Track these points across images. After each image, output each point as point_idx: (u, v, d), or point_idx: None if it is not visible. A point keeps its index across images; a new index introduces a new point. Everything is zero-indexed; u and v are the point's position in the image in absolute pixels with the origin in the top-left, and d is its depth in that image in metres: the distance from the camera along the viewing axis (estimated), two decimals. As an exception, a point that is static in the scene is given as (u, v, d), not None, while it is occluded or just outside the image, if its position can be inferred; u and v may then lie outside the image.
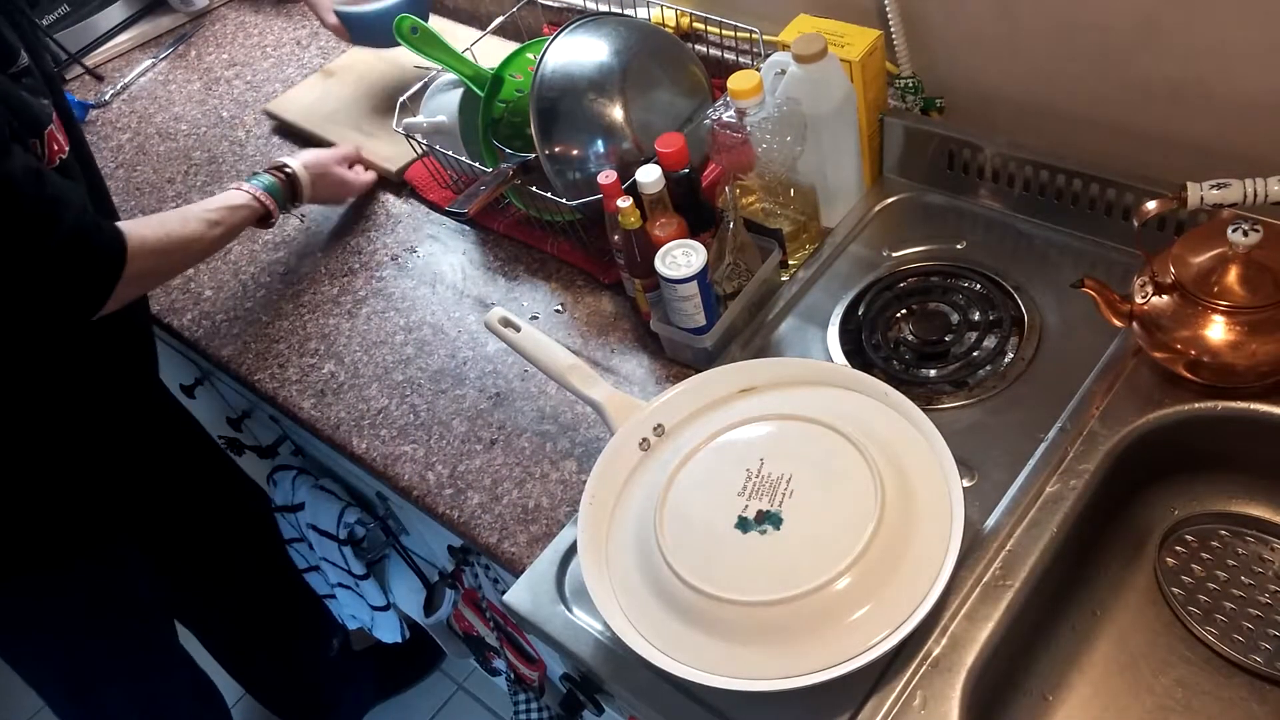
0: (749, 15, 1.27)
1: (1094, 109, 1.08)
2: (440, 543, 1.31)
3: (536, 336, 1.03)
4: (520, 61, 1.29)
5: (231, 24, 1.84)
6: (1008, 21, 1.07)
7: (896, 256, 1.13)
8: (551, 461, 1.07)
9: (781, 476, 0.88)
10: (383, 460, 1.12)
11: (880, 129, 1.18)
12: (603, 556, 0.91)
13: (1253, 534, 0.95)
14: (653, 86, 1.19)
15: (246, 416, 1.62)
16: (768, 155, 1.08)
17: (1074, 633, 0.93)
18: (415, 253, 1.34)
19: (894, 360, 1.05)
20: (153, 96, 1.71)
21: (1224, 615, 0.90)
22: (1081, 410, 0.95)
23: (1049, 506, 0.89)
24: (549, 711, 1.38)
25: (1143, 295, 0.93)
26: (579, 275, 1.25)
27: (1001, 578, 0.86)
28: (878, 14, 1.15)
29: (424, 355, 1.21)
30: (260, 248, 1.40)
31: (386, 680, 1.99)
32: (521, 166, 1.20)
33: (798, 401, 0.95)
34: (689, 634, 0.83)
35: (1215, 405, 0.93)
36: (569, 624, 0.92)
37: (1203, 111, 1.01)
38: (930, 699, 0.81)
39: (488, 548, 1.03)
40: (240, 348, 1.28)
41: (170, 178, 1.55)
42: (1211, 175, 0.88)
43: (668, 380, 1.10)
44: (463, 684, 2.03)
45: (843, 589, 0.80)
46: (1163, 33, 0.98)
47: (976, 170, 1.14)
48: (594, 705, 1.02)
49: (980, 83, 1.14)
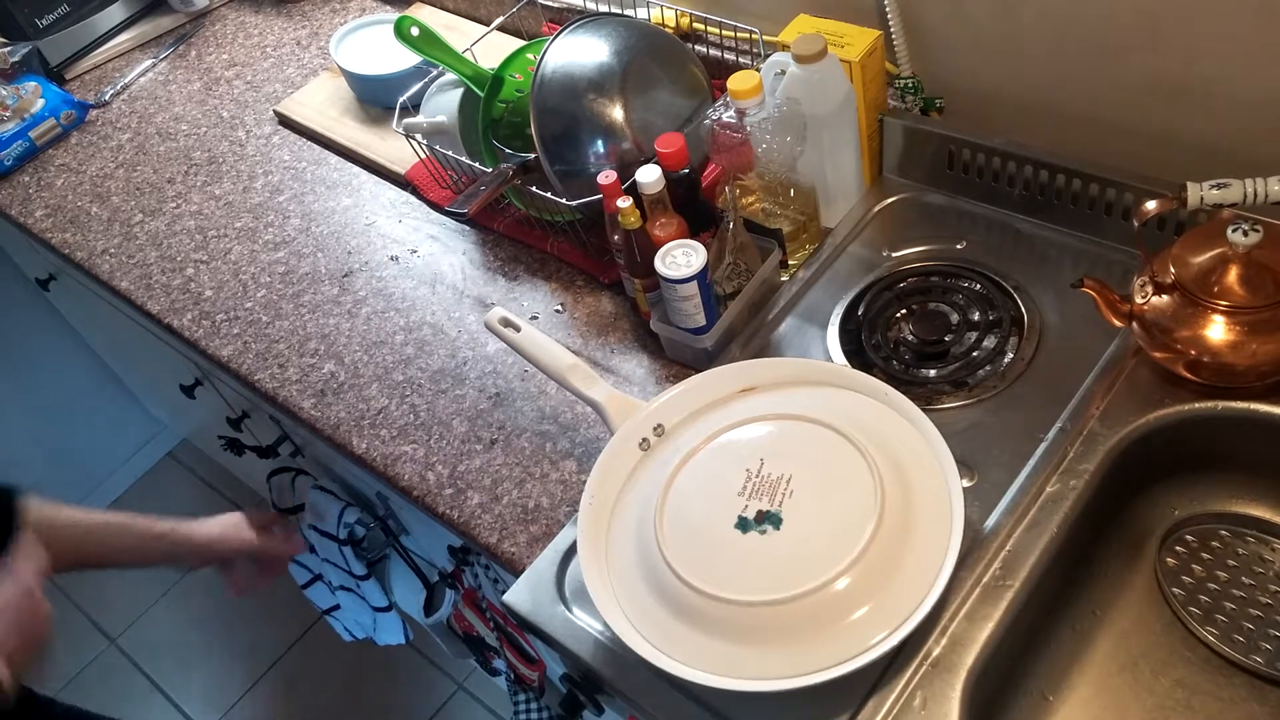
0: (749, 15, 1.27)
1: (1094, 109, 1.08)
2: (440, 543, 1.31)
3: (536, 336, 1.03)
4: (520, 61, 1.29)
5: (231, 24, 1.84)
6: (1008, 21, 1.07)
7: (896, 256, 1.13)
8: (551, 461, 1.07)
9: (781, 477, 0.88)
10: (383, 460, 1.12)
11: (880, 129, 1.18)
12: (603, 556, 0.91)
13: (1253, 534, 0.95)
14: (653, 86, 1.19)
15: (246, 416, 1.62)
16: (768, 155, 1.08)
17: (1074, 633, 0.93)
18: (415, 253, 1.34)
19: (894, 360, 1.05)
20: (153, 96, 1.71)
21: (1224, 615, 0.90)
22: (1081, 410, 0.95)
23: (1049, 506, 0.89)
24: (549, 711, 1.38)
25: (1143, 295, 0.93)
26: (579, 275, 1.25)
27: (1001, 578, 0.86)
28: (878, 14, 1.15)
29: (424, 355, 1.22)
30: (260, 248, 1.40)
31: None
32: (521, 166, 1.20)
33: (798, 401, 0.95)
34: (689, 634, 0.83)
35: (1215, 405, 0.93)
36: (569, 624, 0.92)
37: (1203, 111, 1.01)
38: (930, 699, 0.81)
39: (488, 548, 1.03)
40: (240, 348, 1.28)
41: (170, 178, 1.55)
42: (1211, 175, 0.88)
43: (668, 380, 1.10)
44: (463, 684, 2.03)
45: (843, 589, 0.80)
46: (1163, 32, 0.98)
47: (976, 170, 1.14)
48: (594, 705, 1.02)
49: (980, 83, 1.14)
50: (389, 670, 2.07)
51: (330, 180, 1.48)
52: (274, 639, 2.18)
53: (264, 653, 2.17)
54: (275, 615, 2.20)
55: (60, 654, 2.23)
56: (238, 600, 2.27)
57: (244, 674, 2.15)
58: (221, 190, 1.50)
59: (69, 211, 1.53)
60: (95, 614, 2.32)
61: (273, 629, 2.20)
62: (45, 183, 1.59)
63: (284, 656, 2.16)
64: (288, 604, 1.49)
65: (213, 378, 1.59)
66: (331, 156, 1.52)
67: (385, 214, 1.41)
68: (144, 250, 1.44)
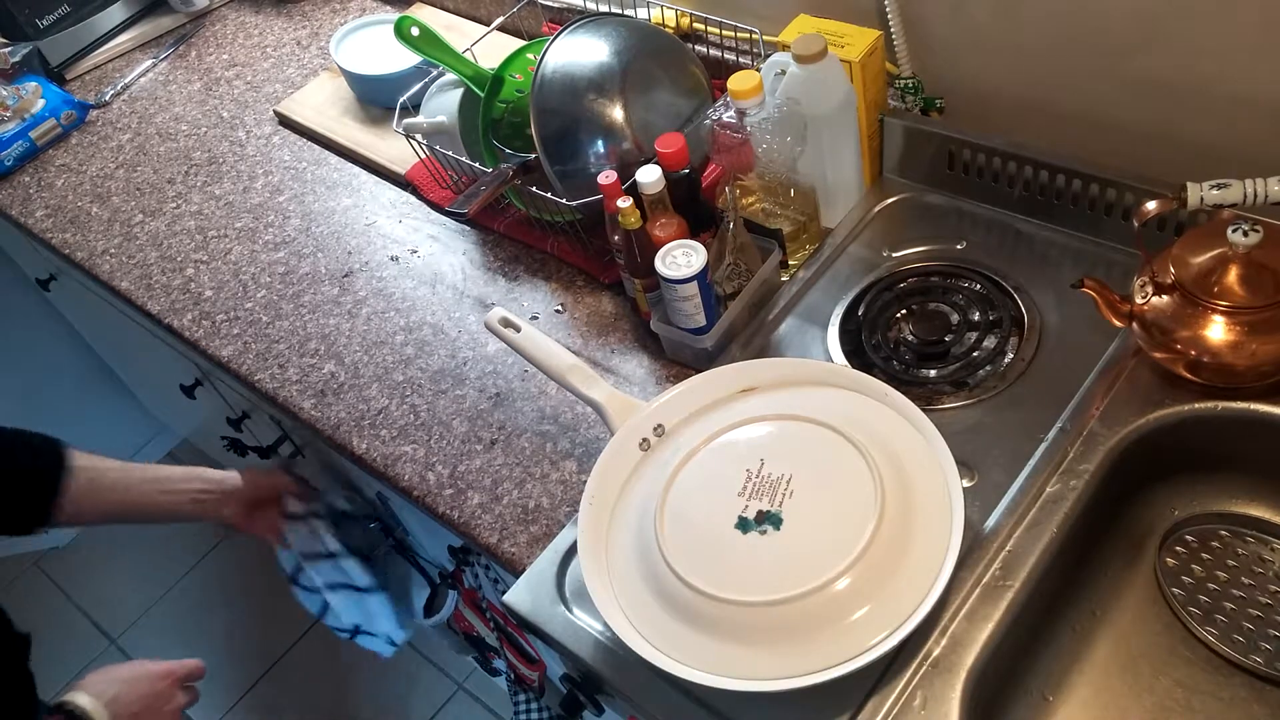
0: (749, 15, 1.27)
1: (1094, 109, 1.08)
2: (440, 543, 1.31)
3: (536, 337, 1.03)
4: (520, 61, 1.29)
5: (231, 24, 1.84)
6: (1008, 21, 1.07)
7: (896, 257, 1.13)
8: (551, 462, 1.07)
9: (781, 477, 0.88)
10: (383, 460, 1.12)
11: (880, 129, 1.18)
12: (603, 556, 0.91)
13: (1253, 534, 0.95)
14: (653, 87, 1.19)
15: (246, 417, 1.62)
16: (768, 155, 1.08)
17: (1074, 633, 0.93)
18: (415, 253, 1.34)
19: (894, 360, 1.05)
20: (153, 97, 1.71)
21: (1224, 615, 0.90)
22: (1081, 410, 0.95)
23: (1049, 507, 0.89)
24: (549, 712, 1.38)
25: (1143, 295, 0.93)
26: (579, 275, 1.25)
27: (1001, 578, 0.86)
28: (878, 14, 1.15)
29: (424, 355, 1.22)
30: (260, 248, 1.40)
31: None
32: (521, 166, 1.20)
33: (798, 402, 0.95)
34: (689, 634, 0.83)
35: (1215, 405, 0.93)
36: (569, 624, 0.92)
37: (1203, 111, 1.01)
38: (930, 699, 0.81)
39: (488, 548, 1.03)
40: (240, 348, 1.28)
41: (170, 178, 1.55)
42: (1211, 175, 0.88)
43: (668, 380, 1.10)
44: (463, 684, 2.03)
45: (843, 589, 0.80)
46: (1163, 32, 0.98)
47: (976, 170, 1.14)
48: (594, 705, 1.02)
49: (980, 83, 1.14)
50: (389, 670, 2.07)
51: (330, 180, 1.48)
52: (274, 639, 2.18)
53: (264, 653, 2.17)
54: (275, 615, 2.20)
55: (60, 654, 2.23)
56: (238, 601, 2.27)
57: (244, 674, 2.15)
58: (221, 190, 1.50)
59: (69, 212, 1.53)
60: (95, 614, 2.32)
61: (273, 629, 2.20)
62: (45, 183, 1.59)
63: (284, 656, 2.16)
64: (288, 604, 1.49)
65: (213, 378, 1.59)
66: (331, 157, 1.52)
67: (385, 214, 1.41)
68: (144, 250, 1.44)
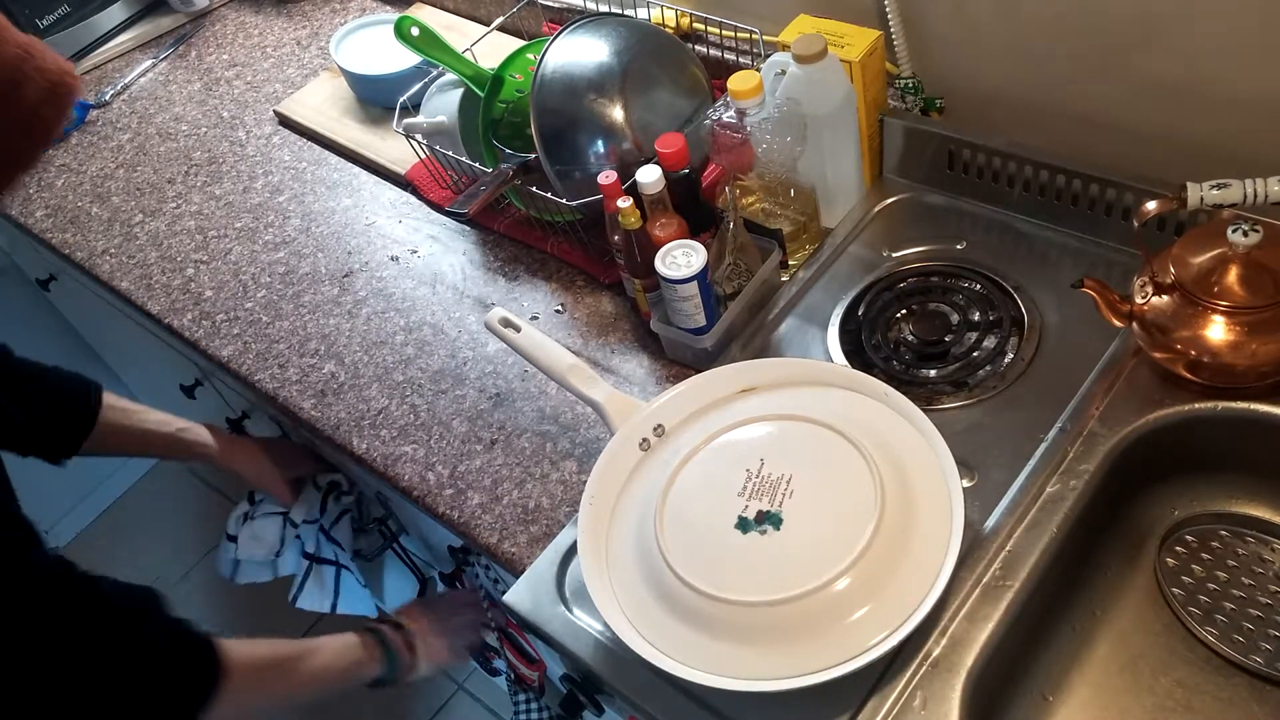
0: (749, 15, 1.27)
1: (1094, 109, 1.08)
2: (440, 543, 1.31)
3: (536, 337, 1.03)
4: (520, 61, 1.29)
5: (231, 24, 1.84)
6: (1008, 21, 1.07)
7: (896, 257, 1.13)
8: (551, 462, 1.07)
9: (781, 477, 0.88)
10: (383, 460, 1.12)
11: (880, 129, 1.18)
12: (603, 556, 0.91)
13: (1253, 534, 0.95)
14: (653, 87, 1.19)
15: (246, 417, 1.61)
16: (768, 155, 1.08)
17: (1074, 633, 0.93)
18: (415, 253, 1.34)
19: (894, 360, 1.05)
20: (153, 96, 1.71)
21: (1224, 616, 0.90)
22: (1081, 410, 0.95)
23: (1049, 506, 0.89)
24: (549, 712, 1.38)
25: (1143, 295, 0.93)
26: (579, 275, 1.25)
27: (1001, 578, 0.86)
28: (878, 14, 1.15)
29: (424, 355, 1.22)
30: (260, 248, 1.40)
31: None
32: (521, 166, 1.20)
33: (798, 402, 0.95)
34: (689, 634, 0.83)
35: (1215, 405, 0.93)
36: (569, 624, 0.92)
37: (1203, 111, 1.01)
38: (930, 699, 0.81)
39: (488, 548, 1.03)
40: (240, 348, 1.28)
41: (170, 178, 1.55)
42: (1211, 175, 0.88)
43: (668, 380, 1.10)
44: (463, 684, 2.03)
45: (843, 589, 0.80)
46: (1163, 32, 0.98)
47: (976, 170, 1.14)
48: (594, 705, 1.02)
49: (980, 83, 1.14)
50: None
51: (330, 180, 1.48)
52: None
53: (264, 653, 2.17)
54: (275, 615, 2.20)
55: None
56: (238, 600, 2.27)
57: (244, 674, 2.15)
58: (221, 190, 1.50)
59: (69, 212, 1.53)
60: (95, 614, 2.32)
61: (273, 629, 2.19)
62: (45, 183, 1.59)
63: (284, 656, 2.16)
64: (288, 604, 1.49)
65: (213, 378, 1.59)
66: (331, 157, 1.52)
67: (385, 214, 1.41)
68: (144, 250, 1.44)
